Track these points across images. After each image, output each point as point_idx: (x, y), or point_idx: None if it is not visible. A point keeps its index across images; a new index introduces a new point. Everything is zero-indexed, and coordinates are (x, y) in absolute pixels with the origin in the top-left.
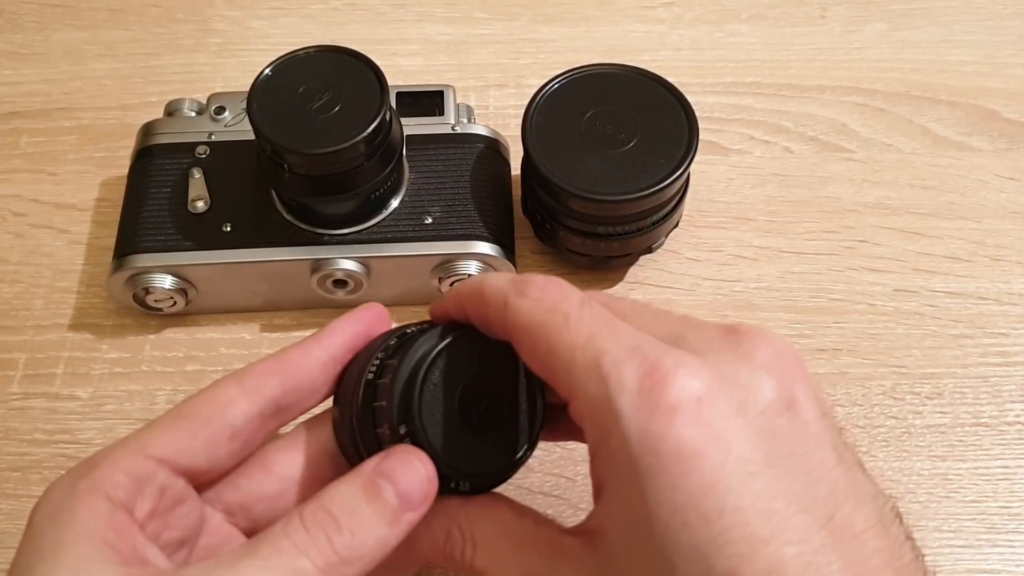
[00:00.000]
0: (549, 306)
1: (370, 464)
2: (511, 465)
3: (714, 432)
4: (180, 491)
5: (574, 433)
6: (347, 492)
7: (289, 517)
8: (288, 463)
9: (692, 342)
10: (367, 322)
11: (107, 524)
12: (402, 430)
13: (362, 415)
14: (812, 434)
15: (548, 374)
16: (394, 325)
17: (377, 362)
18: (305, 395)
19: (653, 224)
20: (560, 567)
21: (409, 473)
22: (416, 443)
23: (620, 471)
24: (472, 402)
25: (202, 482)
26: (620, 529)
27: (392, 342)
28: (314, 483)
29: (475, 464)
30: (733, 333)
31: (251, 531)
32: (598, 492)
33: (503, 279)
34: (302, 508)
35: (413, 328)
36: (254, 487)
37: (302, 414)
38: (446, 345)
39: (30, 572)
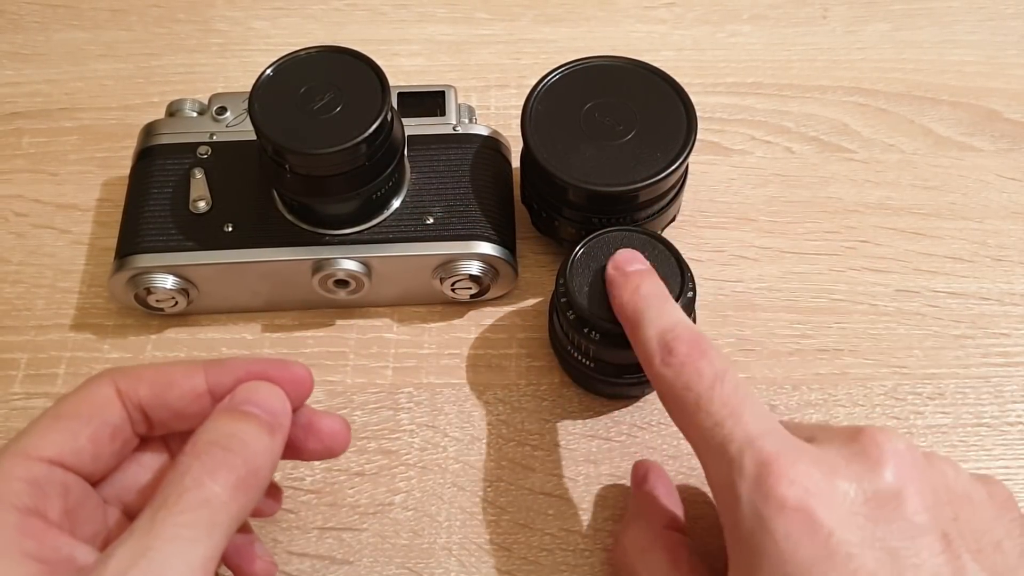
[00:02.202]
0: (684, 383)
1: (225, 402)
2: None
3: (817, 520)
4: (82, 488)
5: None
6: (219, 424)
7: (176, 464)
8: (157, 454)
9: (819, 438)
10: (272, 375)
11: (22, 534)
12: (562, 289)
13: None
14: (917, 522)
15: (687, 438)
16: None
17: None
18: (173, 416)
19: (648, 218)
20: None
21: (262, 393)
22: (568, 300)
23: (740, 544)
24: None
25: (91, 481)
26: None
27: None
28: None
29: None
30: (857, 433)
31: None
32: (727, 555)
33: (656, 328)
34: (184, 452)
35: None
36: (127, 479)
37: (169, 432)
38: (597, 235)
39: None
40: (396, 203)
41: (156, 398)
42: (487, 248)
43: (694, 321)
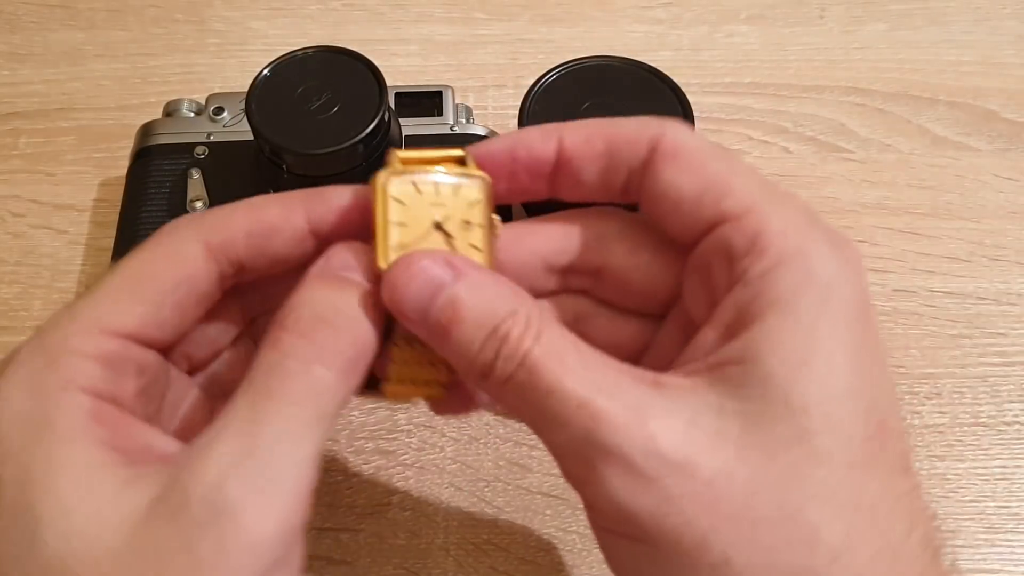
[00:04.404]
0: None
1: (319, 265)
2: None
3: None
4: (157, 363)
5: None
6: (318, 295)
7: (275, 341)
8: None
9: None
10: (363, 210)
11: (95, 421)
12: None
13: None
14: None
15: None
16: None
17: None
18: (271, 264)
19: None
20: (653, 396)
21: (363, 257)
22: None
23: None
24: None
25: (165, 351)
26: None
27: None
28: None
29: None
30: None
31: (192, 370)
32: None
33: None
34: (281, 326)
35: None
36: (195, 336)
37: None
38: None
39: (28, 509)
40: None
41: (255, 250)
42: None
43: None
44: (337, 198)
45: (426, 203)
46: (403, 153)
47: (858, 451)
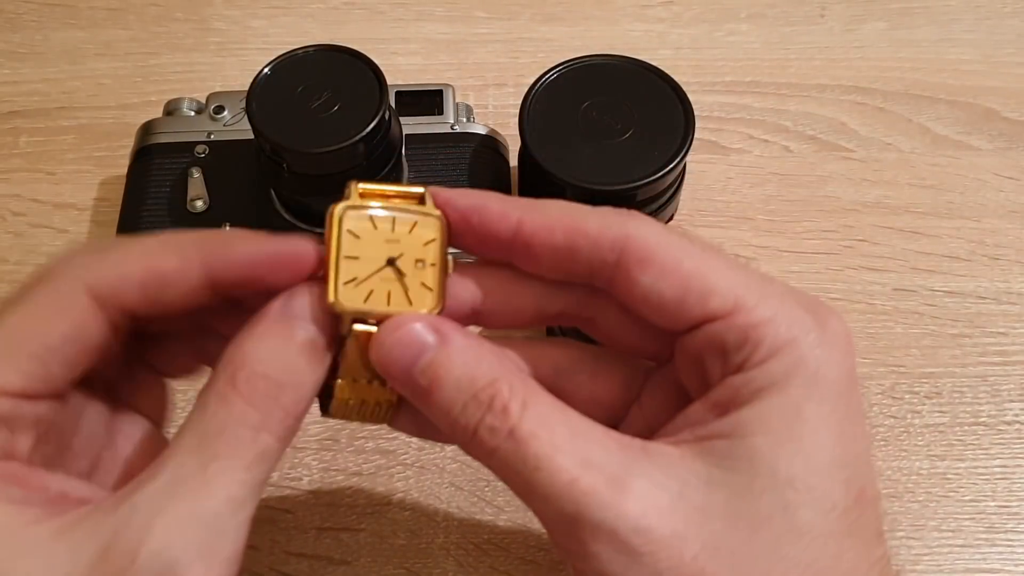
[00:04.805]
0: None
1: (278, 308)
2: None
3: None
4: (50, 410)
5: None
6: (272, 350)
7: (223, 397)
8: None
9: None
10: (279, 261)
11: (2, 482)
12: None
13: None
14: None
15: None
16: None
17: None
18: (164, 314)
19: None
20: (642, 466)
21: (315, 308)
22: None
23: None
24: None
25: (59, 398)
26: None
27: None
28: None
29: None
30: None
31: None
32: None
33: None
34: (231, 380)
35: None
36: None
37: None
38: None
39: None
40: None
41: (147, 300)
42: None
43: None
44: (242, 248)
45: (380, 239)
46: (363, 185)
47: (838, 521)
